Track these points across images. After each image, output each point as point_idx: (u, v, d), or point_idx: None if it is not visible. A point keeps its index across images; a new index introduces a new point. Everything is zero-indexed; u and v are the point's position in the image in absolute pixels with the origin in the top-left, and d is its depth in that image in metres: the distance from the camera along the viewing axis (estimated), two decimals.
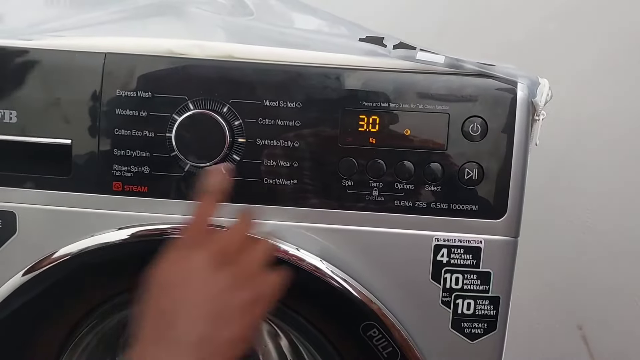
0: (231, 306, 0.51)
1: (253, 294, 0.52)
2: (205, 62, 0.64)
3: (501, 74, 0.63)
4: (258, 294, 0.53)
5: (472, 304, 0.66)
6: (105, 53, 0.64)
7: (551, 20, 1.12)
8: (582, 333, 1.27)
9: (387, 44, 0.65)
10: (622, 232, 1.21)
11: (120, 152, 0.64)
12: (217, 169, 0.61)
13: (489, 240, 0.65)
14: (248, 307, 0.52)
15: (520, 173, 0.64)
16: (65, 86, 0.64)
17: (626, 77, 1.14)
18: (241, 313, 0.51)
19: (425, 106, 0.64)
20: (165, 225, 0.65)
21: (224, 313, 0.50)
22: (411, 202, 0.65)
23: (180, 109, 0.63)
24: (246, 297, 0.52)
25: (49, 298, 0.68)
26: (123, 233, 0.65)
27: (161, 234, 0.65)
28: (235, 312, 0.51)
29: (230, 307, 0.50)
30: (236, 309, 0.51)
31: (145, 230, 0.66)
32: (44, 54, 0.65)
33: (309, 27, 0.71)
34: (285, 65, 0.64)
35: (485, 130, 0.63)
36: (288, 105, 0.64)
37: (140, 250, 0.66)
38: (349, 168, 0.64)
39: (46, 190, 0.65)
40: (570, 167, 1.18)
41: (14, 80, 0.65)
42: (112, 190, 0.65)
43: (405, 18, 1.10)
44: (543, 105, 0.64)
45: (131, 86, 0.64)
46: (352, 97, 0.64)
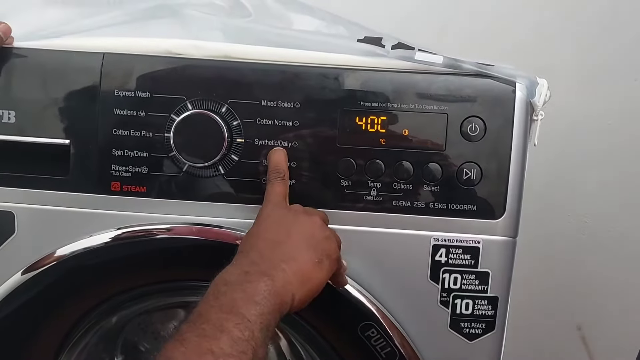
0: (328, 258, 0.58)
1: (335, 254, 0.60)
2: (204, 62, 0.65)
3: (500, 74, 0.63)
4: (336, 256, 0.60)
5: (471, 304, 0.66)
6: (104, 53, 0.64)
7: (551, 21, 1.12)
8: (581, 333, 1.27)
9: (385, 45, 0.65)
10: (621, 232, 1.21)
11: (119, 152, 0.64)
12: (277, 148, 0.65)
13: (487, 240, 0.65)
14: (332, 266, 0.59)
15: (519, 173, 0.64)
16: (63, 86, 0.64)
17: (625, 77, 1.14)
18: (331, 266, 0.58)
19: (424, 106, 0.64)
20: (162, 225, 0.66)
21: (323, 260, 0.58)
22: (410, 202, 0.65)
23: (179, 109, 0.64)
24: (336, 255, 0.60)
25: (48, 297, 0.68)
26: (123, 231, 0.66)
27: (160, 234, 0.65)
28: (329, 262, 0.58)
29: (327, 258, 0.58)
30: (330, 260, 0.58)
31: (144, 230, 0.66)
32: (43, 54, 0.65)
33: (307, 28, 0.71)
34: (284, 66, 0.64)
35: (483, 131, 0.63)
36: (286, 106, 0.64)
37: (138, 250, 0.66)
38: (348, 168, 0.64)
39: (45, 190, 0.65)
40: (569, 167, 1.18)
41: (13, 81, 0.65)
42: (110, 191, 0.65)
43: (406, 20, 1.10)
44: (541, 105, 0.64)
45: (129, 86, 0.64)
46: (351, 98, 0.64)
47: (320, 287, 0.57)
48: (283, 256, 0.56)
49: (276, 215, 0.60)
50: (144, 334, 0.92)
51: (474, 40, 1.11)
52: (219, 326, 0.48)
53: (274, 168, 0.63)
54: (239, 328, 0.48)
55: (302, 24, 0.72)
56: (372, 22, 0.73)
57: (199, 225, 0.65)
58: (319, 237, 0.59)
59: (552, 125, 0.75)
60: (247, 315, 0.49)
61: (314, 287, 0.56)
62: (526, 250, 1.09)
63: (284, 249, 0.56)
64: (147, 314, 0.89)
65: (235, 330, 0.48)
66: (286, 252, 0.56)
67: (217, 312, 0.49)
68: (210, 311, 0.49)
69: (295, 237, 0.58)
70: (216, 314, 0.49)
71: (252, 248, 0.57)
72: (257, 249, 0.56)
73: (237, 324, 0.48)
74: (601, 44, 1.12)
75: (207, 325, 0.48)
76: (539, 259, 1.21)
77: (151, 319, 0.92)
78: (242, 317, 0.49)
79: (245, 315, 0.49)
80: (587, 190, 1.19)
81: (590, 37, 1.12)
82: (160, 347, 0.53)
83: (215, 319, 0.48)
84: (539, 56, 1.10)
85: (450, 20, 1.12)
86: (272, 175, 0.63)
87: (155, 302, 0.80)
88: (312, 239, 0.58)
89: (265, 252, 0.56)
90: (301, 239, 0.58)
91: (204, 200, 0.65)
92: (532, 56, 1.09)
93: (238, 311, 0.49)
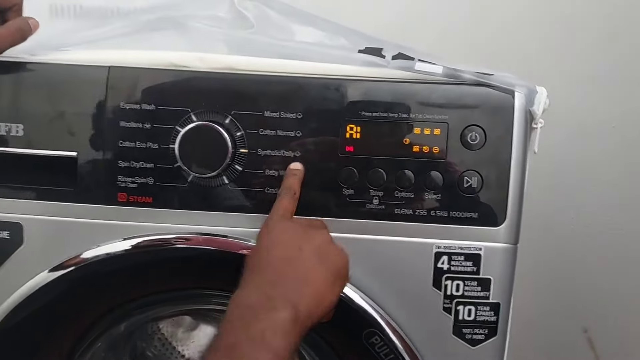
0: (336, 275, 0.58)
1: (346, 272, 0.60)
2: (207, 74, 0.65)
3: (499, 83, 0.64)
4: (346, 274, 0.60)
5: (473, 310, 0.66)
6: (109, 66, 0.65)
7: (553, 26, 1.12)
8: (588, 336, 1.27)
9: (385, 55, 0.66)
10: (625, 234, 1.21)
11: (125, 163, 0.65)
12: (293, 170, 0.65)
13: (488, 247, 0.65)
14: (343, 281, 0.59)
15: (519, 180, 0.65)
16: (70, 99, 0.66)
17: (626, 81, 1.14)
18: (341, 282, 0.59)
19: (424, 115, 0.65)
20: (171, 235, 0.66)
21: (333, 278, 0.57)
22: (411, 210, 0.65)
23: (183, 120, 0.64)
24: (347, 273, 0.60)
25: (62, 302, 0.69)
26: (131, 242, 0.66)
27: (166, 244, 0.66)
28: (338, 279, 0.58)
29: (336, 276, 0.58)
30: (339, 277, 0.58)
31: (156, 240, 0.67)
32: (49, 68, 0.66)
33: (309, 39, 0.71)
34: (286, 77, 0.65)
35: (484, 139, 0.64)
36: (289, 116, 0.65)
37: (153, 259, 0.67)
38: (350, 177, 0.65)
39: (52, 201, 0.66)
40: (571, 171, 1.18)
41: (21, 95, 0.66)
42: (117, 201, 0.66)
43: (409, 28, 1.10)
44: (541, 113, 0.65)
45: (135, 99, 0.65)
46: (352, 107, 0.65)
47: (332, 306, 0.58)
48: (299, 274, 0.55)
49: (284, 228, 0.60)
50: (152, 341, 0.93)
51: (476, 47, 1.12)
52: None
53: (289, 186, 0.63)
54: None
55: (304, 35, 0.72)
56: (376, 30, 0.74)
57: (204, 235, 0.66)
58: (331, 253, 0.59)
59: (555, 128, 0.76)
60: (277, 350, 0.50)
61: (326, 308, 0.56)
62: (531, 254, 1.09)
63: (298, 266, 0.56)
64: (155, 321, 0.90)
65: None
66: (301, 271, 0.56)
67: (248, 346, 0.49)
68: (241, 344, 0.50)
69: (307, 253, 0.57)
70: (248, 347, 0.49)
71: (266, 265, 0.56)
72: (271, 266, 0.56)
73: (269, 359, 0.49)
74: (604, 48, 1.13)
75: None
76: (544, 262, 1.21)
77: (159, 326, 0.93)
78: (274, 353, 0.50)
79: (276, 350, 0.50)
80: (591, 192, 1.19)
81: (593, 41, 1.13)
82: (168, 354, 0.54)
83: (247, 352, 0.49)
84: (542, 61, 1.11)
85: (453, 28, 1.12)
86: (284, 191, 0.63)
87: (163, 310, 0.81)
88: (324, 256, 0.58)
89: (281, 270, 0.56)
90: (313, 255, 0.57)
91: (209, 210, 0.66)
92: (535, 61, 1.10)
93: (269, 345, 0.50)
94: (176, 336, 0.94)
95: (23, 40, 0.64)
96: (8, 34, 0.63)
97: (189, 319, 0.91)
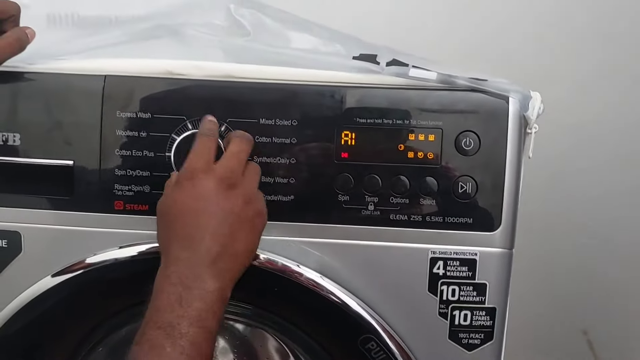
0: (243, 222, 0.59)
1: (257, 208, 0.61)
2: (203, 82, 0.66)
3: (493, 89, 0.64)
4: (260, 208, 0.62)
5: (469, 315, 0.67)
6: (105, 75, 0.66)
7: (549, 29, 1.12)
8: (587, 338, 1.27)
9: (380, 61, 0.66)
10: (625, 236, 1.21)
11: (121, 172, 0.66)
12: (207, 117, 0.63)
13: (484, 252, 0.66)
14: (256, 220, 0.61)
15: (514, 186, 0.65)
16: (66, 109, 0.66)
17: (624, 81, 1.14)
18: (251, 226, 0.60)
19: (418, 122, 0.65)
20: None
21: (237, 229, 0.59)
22: (407, 215, 0.66)
23: (179, 129, 0.65)
24: (252, 212, 0.60)
25: (65, 307, 0.70)
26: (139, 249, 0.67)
27: None
28: (246, 226, 0.60)
29: (242, 222, 0.59)
30: (246, 224, 0.60)
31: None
32: (46, 77, 0.66)
33: (305, 46, 0.72)
34: (281, 84, 0.66)
35: (478, 145, 0.64)
36: (284, 123, 0.65)
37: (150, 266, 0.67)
38: (345, 183, 0.65)
39: (50, 210, 0.67)
40: (570, 171, 1.19)
41: (17, 104, 0.66)
42: (114, 210, 0.66)
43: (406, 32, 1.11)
44: (535, 118, 0.65)
45: (131, 108, 0.65)
46: (347, 114, 0.65)
47: (253, 254, 0.61)
48: (219, 244, 0.57)
49: (188, 198, 0.59)
50: None
51: (472, 50, 1.12)
52: (193, 342, 0.53)
53: (208, 128, 0.63)
54: (207, 341, 0.54)
55: (300, 42, 0.73)
56: (373, 35, 0.74)
57: None
58: (240, 218, 0.59)
59: (552, 130, 0.76)
60: (211, 328, 0.55)
61: (248, 260, 0.60)
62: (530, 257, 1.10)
63: (216, 237, 0.57)
64: None
65: (204, 343, 0.54)
66: (220, 240, 0.58)
67: (188, 326, 0.53)
68: (182, 324, 0.53)
69: (210, 228, 0.58)
70: (188, 327, 0.53)
71: (165, 243, 0.59)
72: (176, 242, 0.58)
73: (206, 338, 0.54)
74: (600, 49, 1.13)
75: (184, 341, 0.53)
76: (543, 265, 1.22)
77: None
78: (209, 331, 0.55)
79: (210, 329, 0.55)
80: (590, 195, 1.20)
81: (589, 43, 1.13)
82: None
83: (187, 333, 0.53)
84: (538, 64, 1.11)
85: (449, 30, 1.13)
86: (201, 132, 0.62)
87: None
88: (230, 224, 0.59)
89: (177, 252, 0.57)
90: (218, 229, 0.58)
91: None
92: (530, 65, 1.10)
93: (204, 324, 0.54)
94: None
95: (21, 50, 0.65)
96: (7, 45, 0.63)
97: None
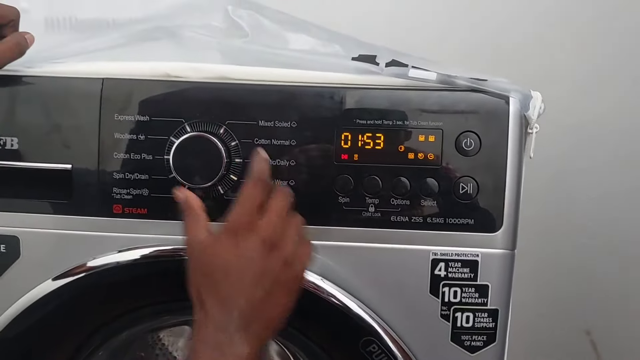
0: (280, 285, 0.57)
1: (295, 272, 0.59)
2: (201, 84, 0.65)
3: (493, 89, 0.64)
4: (298, 273, 0.60)
5: (471, 316, 0.66)
6: (103, 78, 0.65)
7: (548, 28, 1.12)
8: (590, 338, 1.27)
9: (379, 62, 0.66)
10: (626, 236, 1.21)
11: (120, 175, 0.65)
12: (260, 155, 0.61)
13: (485, 253, 0.65)
14: (293, 284, 0.59)
15: (515, 186, 0.65)
16: (65, 112, 0.66)
17: (624, 81, 1.14)
18: (287, 290, 0.58)
19: (419, 122, 0.64)
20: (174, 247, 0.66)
21: (274, 293, 0.57)
22: (408, 217, 0.65)
23: (178, 131, 0.64)
24: (292, 275, 0.59)
25: (66, 310, 0.69)
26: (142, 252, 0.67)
27: (176, 255, 0.66)
28: (282, 290, 0.58)
29: (279, 286, 0.57)
30: (283, 288, 0.58)
31: (161, 251, 0.67)
32: (44, 81, 0.66)
33: (304, 47, 0.71)
34: (280, 86, 0.65)
35: (479, 145, 0.64)
36: (283, 125, 0.65)
37: (159, 270, 0.68)
38: (345, 185, 0.65)
39: (48, 214, 0.66)
40: (571, 172, 1.18)
41: (15, 108, 0.66)
42: (112, 213, 0.66)
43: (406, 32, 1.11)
44: (536, 118, 0.65)
45: (129, 110, 0.65)
46: (346, 115, 0.65)
47: (288, 313, 0.58)
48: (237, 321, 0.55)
49: (229, 257, 0.57)
50: (152, 350, 0.93)
51: (472, 50, 1.12)
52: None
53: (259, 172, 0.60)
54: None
55: (298, 43, 0.72)
56: (372, 36, 0.74)
57: None
58: (278, 281, 0.57)
59: (553, 130, 0.76)
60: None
61: (281, 323, 0.58)
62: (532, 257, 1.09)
63: (238, 301, 0.56)
64: (156, 331, 0.90)
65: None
66: (257, 304, 0.56)
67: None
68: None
69: (249, 291, 0.56)
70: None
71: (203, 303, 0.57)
72: (213, 298, 0.56)
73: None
74: (600, 49, 1.13)
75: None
76: (545, 265, 1.21)
77: (159, 336, 0.93)
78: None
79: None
80: (591, 195, 1.19)
81: (589, 43, 1.13)
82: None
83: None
84: (538, 64, 1.11)
85: (449, 31, 1.12)
86: (252, 176, 0.60)
87: (165, 320, 0.81)
88: (269, 287, 0.57)
89: (216, 315, 0.56)
90: (257, 293, 0.56)
91: None
92: (530, 65, 1.10)
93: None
94: (176, 346, 0.94)
95: (21, 55, 0.65)
96: (7, 49, 0.63)
97: (189, 329, 0.91)
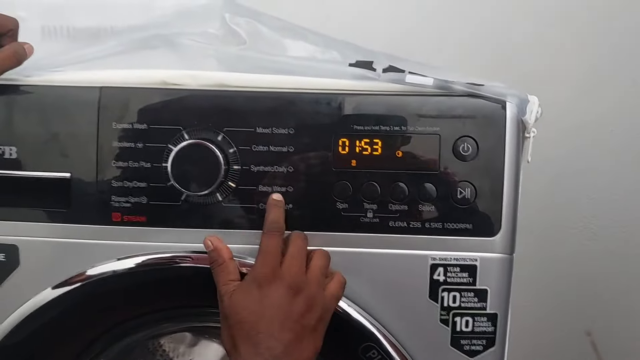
0: (307, 328, 0.60)
1: (322, 311, 0.61)
2: (199, 92, 0.66)
3: (490, 93, 0.64)
4: (325, 310, 0.62)
5: (471, 321, 0.66)
6: (101, 87, 0.65)
7: (548, 28, 1.12)
8: (591, 339, 1.27)
9: (376, 68, 0.66)
10: (627, 237, 1.21)
11: (118, 183, 0.65)
12: (272, 201, 0.64)
13: (484, 257, 0.65)
14: (319, 324, 0.61)
15: (513, 190, 0.65)
16: (62, 121, 0.66)
17: (624, 82, 1.14)
18: (315, 331, 0.61)
19: (416, 128, 0.64)
20: (178, 253, 0.67)
21: (303, 335, 0.59)
22: (406, 222, 0.65)
23: (176, 139, 0.65)
24: (317, 316, 0.61)
25: (65, 319, 0.69)
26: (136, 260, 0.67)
27: (172, 262, 0.67)
28: (311, 331, 0.60)
29: (307, 328, 0.60)
30: (311, 329, 0.60)
31: (160, 258, 0.67)
32: (41, 89, 0.66)
33: (301, 54, 0.71)
34: (277, 93, 0.65)
35: (476, 150, 0.64)
36: (281, 132, 0.65)
37: (158, 278, 0.68)
38: (343, 191, 0.65)
39: (47, 223, 0.67)
40: (570, 173, 1.18)
41: (13, 117, 0.66)
42: (111, 221, 0.66)
43: (405, 35, 1.11)
44: (533, 122, 0.65)
45: (127, 119, 0.65)
46: (344, 122, 0.65)
47: (318, 351, 0.61)
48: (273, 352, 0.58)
49: (257, 306, 0.60)
50: (153, 357, 0.93)
51: (472, 50, 1.12)
52: None
53: (275, 220, 0.64)
54: None
55: (296, 50, 0.73)
56: (372, 39, 0.74)
57: (198, 253, 0.66)
58: (304, 324, 0.60)
59: (553, 132, 0.76)
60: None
61: (311, 357, 0.60)
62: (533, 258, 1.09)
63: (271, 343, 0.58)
64: (157, 338, 0.90)
65: None
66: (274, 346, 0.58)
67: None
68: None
69: (277, 336, 0.59)
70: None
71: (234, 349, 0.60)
72: (245, 344, 0.59)
73: None
74: (600, 49, 1.13)
75: None
76: (546, 266, 1.21)
77: (160, 343, 0.93)
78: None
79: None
80: (592, 195, 1.19)
81: (589, 43, 1.13)
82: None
83: None
84: (538, 64, 1.11)
85: (449, 32, 1.13)
86: (268, 227, 0.64)
87: (165, 327, 0.81)
88: (296, 331, 0.59)
89: (255, 350, 0.58)
90: (284, 337, 0.59)
91: (204, 228, 0.66)
92: (530, 65, 1.10)
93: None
94: (177, 352, 0.94)
95: (19, 64, 0.65)
96: (5, 58, 0.64)
97: (189, 335, 0.91)
